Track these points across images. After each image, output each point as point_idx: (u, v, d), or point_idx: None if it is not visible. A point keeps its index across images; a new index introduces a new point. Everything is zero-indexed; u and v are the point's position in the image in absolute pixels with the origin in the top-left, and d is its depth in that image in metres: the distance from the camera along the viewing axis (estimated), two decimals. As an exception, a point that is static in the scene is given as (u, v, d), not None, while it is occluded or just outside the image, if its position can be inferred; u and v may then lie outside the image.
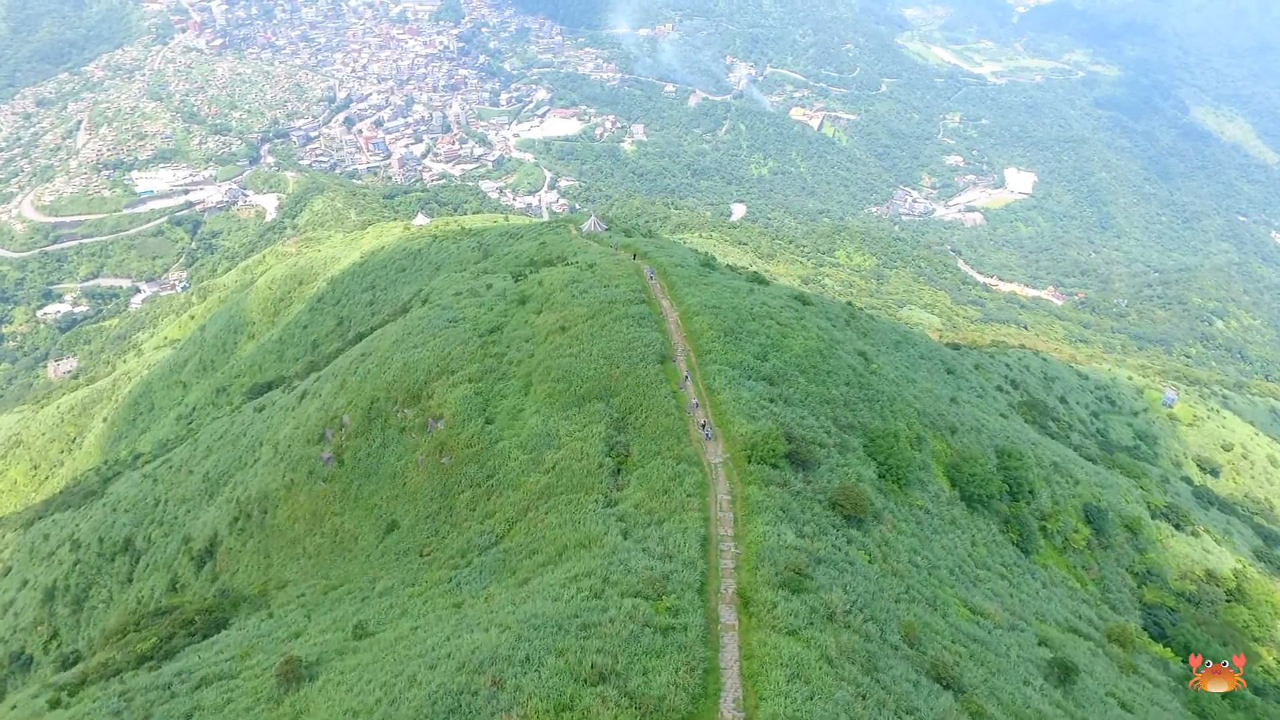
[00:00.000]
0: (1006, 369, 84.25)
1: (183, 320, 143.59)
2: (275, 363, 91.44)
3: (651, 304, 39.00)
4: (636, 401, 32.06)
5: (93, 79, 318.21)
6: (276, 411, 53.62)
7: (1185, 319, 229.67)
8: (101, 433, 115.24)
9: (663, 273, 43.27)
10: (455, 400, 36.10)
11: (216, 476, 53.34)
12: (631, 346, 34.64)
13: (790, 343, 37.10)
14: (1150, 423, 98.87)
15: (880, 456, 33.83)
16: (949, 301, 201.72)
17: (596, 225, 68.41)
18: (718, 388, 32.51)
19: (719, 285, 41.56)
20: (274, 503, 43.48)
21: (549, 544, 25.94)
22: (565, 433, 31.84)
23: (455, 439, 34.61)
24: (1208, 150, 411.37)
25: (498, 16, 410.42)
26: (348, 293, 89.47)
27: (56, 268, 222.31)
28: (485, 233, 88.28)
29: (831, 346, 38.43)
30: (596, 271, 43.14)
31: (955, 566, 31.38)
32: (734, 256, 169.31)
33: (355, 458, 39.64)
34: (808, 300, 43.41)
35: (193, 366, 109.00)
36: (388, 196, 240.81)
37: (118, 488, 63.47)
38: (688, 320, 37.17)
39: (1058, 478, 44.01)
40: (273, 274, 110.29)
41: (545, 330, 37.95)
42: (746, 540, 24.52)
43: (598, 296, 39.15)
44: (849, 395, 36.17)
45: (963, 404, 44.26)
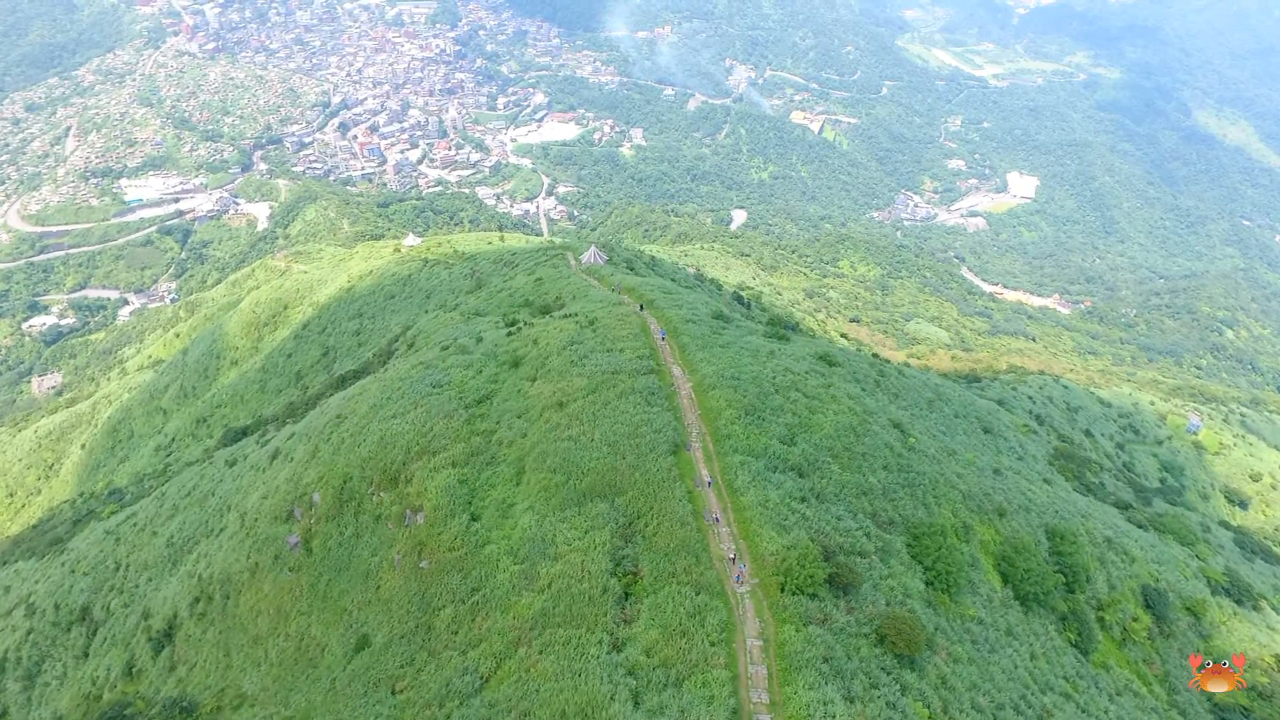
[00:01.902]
0: (1030, 401, 79.89)
1: (168, 338, 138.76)
2: (257, 394, 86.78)
3: (661, 373, 34.39)
4: (646, 504, 27.46)
5: (83, 83, 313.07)
6: (246, 470, 48.96)
7: (1195, 329, 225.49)
8: (79, 460, 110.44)
9: (673, 331, 38.64)
10: (437, 489, 31.48)
11: (181, 542, 48.68)
12: (639, 432, 30.02)
13: (819, 420, 32.52)
14: (1175, 452, 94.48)
15: (927, 559, 29.29)
16: (956, 313, 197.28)
17: (596, 256, 63.89)
18: (741, 486, 27.92)
19: (735, 347, 36.97)
20: (237, 588, 38.83)
21: (543, 705, 21.33)
22: (563, 539, 27.22)
23: (436, 539, 29.98)
24: (1211, 154, 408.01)
25: (495, 19, 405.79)
26: (334, 320, 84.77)
27: (43, 279, 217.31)
28: (478, 259, 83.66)
29: (865, 421, 33.86)
30: (598, 329, 38.52)
31: (1019, 698, 26.85)
32: (737, 270, 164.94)
33: (325, 546, 35.00)
34: (833, 361, 38.83)
35: (173, 392, 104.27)
36: (382, 205, 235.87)
37: (79, 544, 58.75)
38: (703, 395, 32.57)
39: (1112, 556, 39.53)
40: (257, 296, 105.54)
41: (540, 405, 33.33)
42: (787, 713, 19.95)
43: (600, 364, 34.52)
44: (888, 482, 31.61)
45: (1006, 473, 39.76)
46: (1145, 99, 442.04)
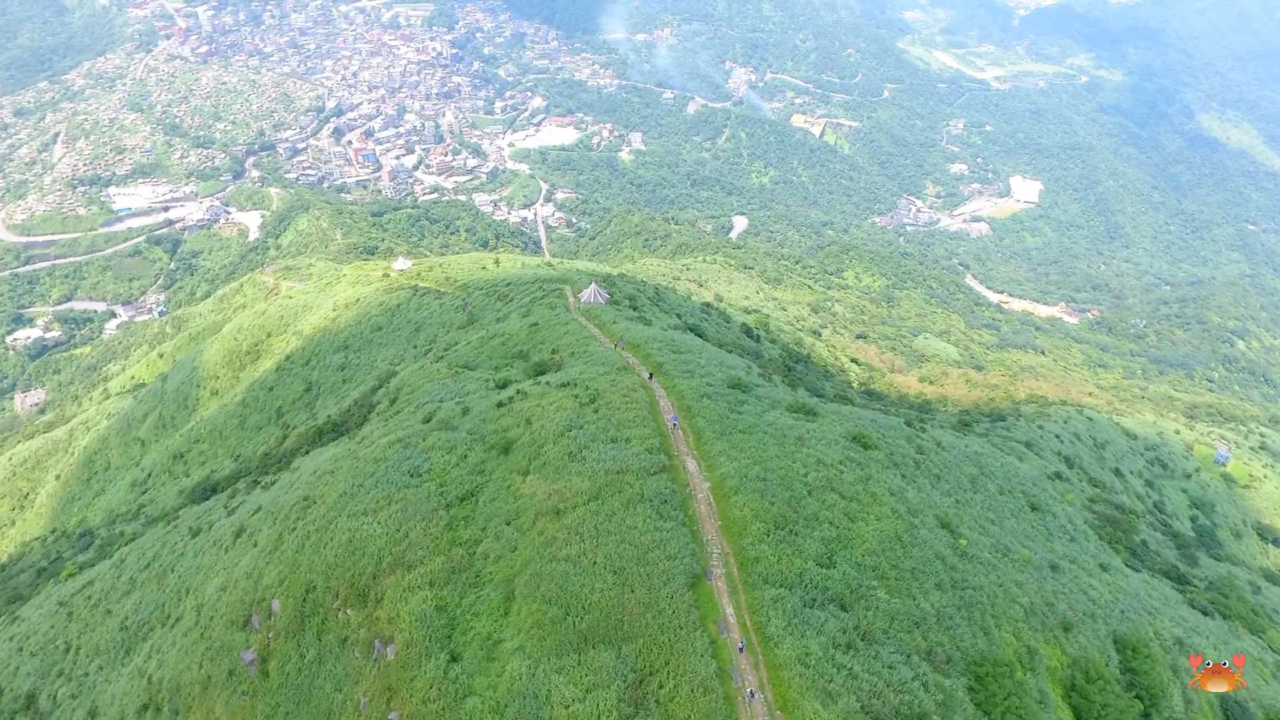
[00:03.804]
0: (1057, 440, 75.26)
1: (151, 359, 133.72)
2: (237, 430, 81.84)
3: (675, 470, 29.61)
4: (660, 657, 22.63)
5: (73, 88, 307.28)
6: (208, 546, 44.10)
7: (1206, 340, 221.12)
8: (54, 492, 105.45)
9: (686, 412, 33.82)
10: (410, 615, 26.62)
11: (135, 626, 43.80)
12: (650, 557, 25.19)
13: (861, 530, 27.73)
14: (1205, 486, 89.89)
15: (995, 710, 24.52)
16: (963, 326, 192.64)
17: (597, 295, 59.04)
18: (775, 634, 23.10)
19: (758, 432, 32.17)
20: (187, 702, 33.98)
21: None
22: (559, 699, 22.38)
23: (408, 683, 25.12)
24: (1215, 157, 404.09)
25: (492, 22, 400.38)
26: (318, 353, 79.83)
27: (28, 290, 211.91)
28: (470, 288, 78.73)
29: (911, 527, 29.08)
30: (600, 409, 33.70)
31: None
32: (740, 284, 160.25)
33: (283, 670, 30.15)
34: (869, 443, 34.03)
35: (151, 422, 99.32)
36: (376, 214, 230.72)
37: (32, 614, 53.83)
38: (724, 501, 27.77)
39: (1185, 662, 34.81)
40: (239, 323, 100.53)
41: (534, 510, 28.49)
42: None
43: (603, 459, 29.68)
44: (941, 605, 26.83)
45: (1063, 567, 35.06)
46: (1148, 102, 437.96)
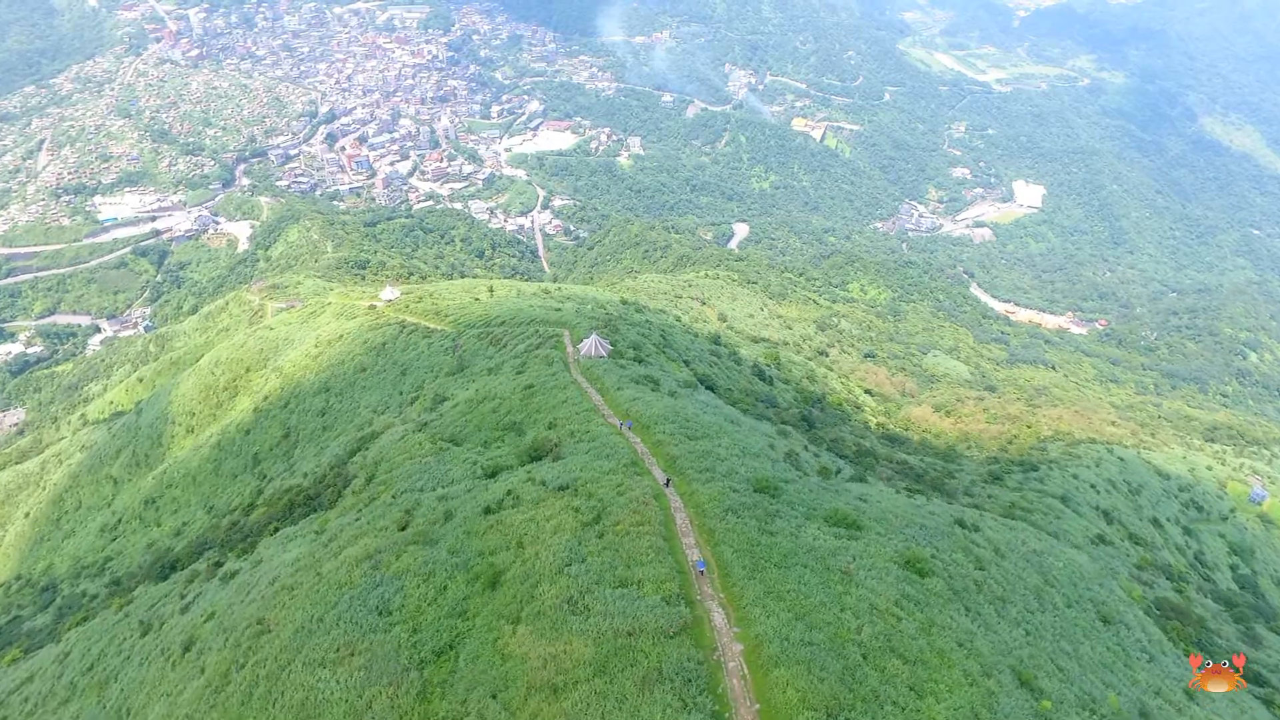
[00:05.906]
0: (1093, 491, 70.12)
1: (130, 383, 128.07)
2: (211, 476, 76.39)
3: (698, 621, 24.25)
4: None
5: (60, 92, 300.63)
6: (156, 657, 38.64)
7: (1218, 352, 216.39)
8: (23, 531, 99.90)
9: (709, 534, 28.40)
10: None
11: (72, 749, 38.35)
12: (674, 772, 19.83)
13: (931, 710, 22.34)
14: (1243, 530, 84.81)
15: None
16: (972, 340, 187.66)
17: (598, 347, 53.76)
18: None
19: (796, 565, 26.80)
20: None
21: None
22: None
23: None
24: (1219, 161, 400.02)
25: (489, 24, 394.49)
26: (297, 395, 74.34)
27: (9, 304, 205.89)
28: (460, 326, 73.24)
29: (988, 694, 23.74)
30: (606, 533, 28.28)
31: None
32: (744, 300, 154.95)
33: None
34: (925, 569, 28.71)
35: (124, 459, 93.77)
36: (369, 224, 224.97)
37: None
38: (761, 675, 22.38)
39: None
40: (216, 355, 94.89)
41: (525, 681, 23.03)
42: None
43: (611, 611, 24.25)
44: (1033, 807, 21.45)
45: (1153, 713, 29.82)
46: (1150, 104, 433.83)
